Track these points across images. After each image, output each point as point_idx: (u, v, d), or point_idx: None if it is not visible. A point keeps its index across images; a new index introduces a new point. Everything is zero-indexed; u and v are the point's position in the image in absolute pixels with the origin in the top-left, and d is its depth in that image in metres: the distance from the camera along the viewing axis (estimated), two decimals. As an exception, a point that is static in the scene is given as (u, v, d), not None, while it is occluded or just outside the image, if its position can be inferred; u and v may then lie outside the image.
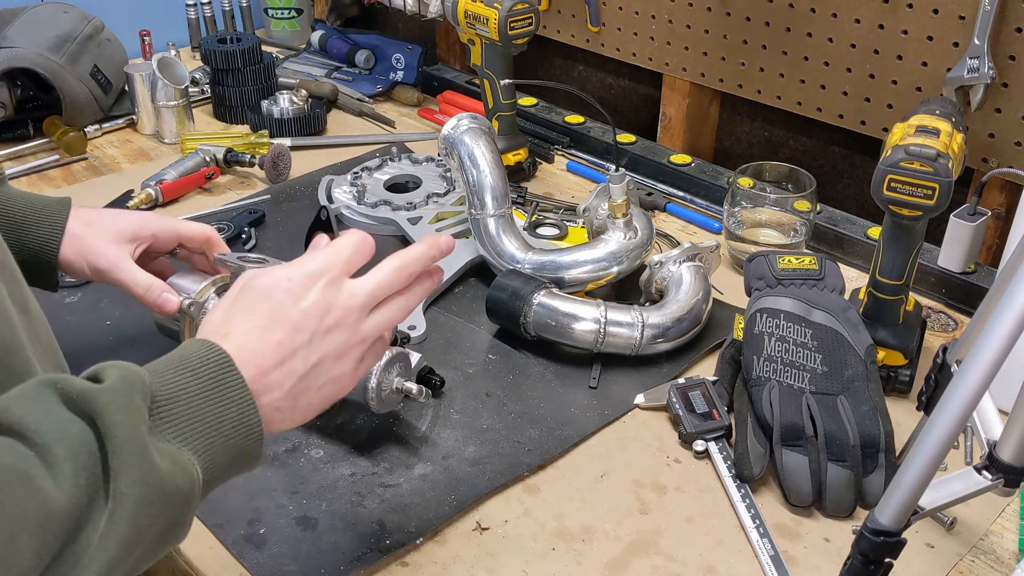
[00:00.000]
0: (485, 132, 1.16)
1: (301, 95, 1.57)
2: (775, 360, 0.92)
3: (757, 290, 1.00)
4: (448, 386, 0.99)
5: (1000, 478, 0.70)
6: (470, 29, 1.34)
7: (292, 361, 0.64)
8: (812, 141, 1.40)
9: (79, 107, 1.49)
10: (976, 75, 1.09)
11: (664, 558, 0.81)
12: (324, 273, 0.67)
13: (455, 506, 0.85)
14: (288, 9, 1.94)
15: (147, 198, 1.33)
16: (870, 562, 0.65)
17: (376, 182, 1.35)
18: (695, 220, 1.32)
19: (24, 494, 0.48)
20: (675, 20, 1.41)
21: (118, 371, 0.56)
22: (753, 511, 0.84)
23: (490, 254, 1.13)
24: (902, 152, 0.88)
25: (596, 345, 1.01)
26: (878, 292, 0.98)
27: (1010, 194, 1.13)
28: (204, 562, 0.80)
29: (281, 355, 0.64)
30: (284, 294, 0.65)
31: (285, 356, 0.64)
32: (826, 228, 1.24)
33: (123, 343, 1.05)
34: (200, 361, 0.60)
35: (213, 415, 0.58)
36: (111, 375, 0.55)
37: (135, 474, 0.52)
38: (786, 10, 1.27)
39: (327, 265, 0.68)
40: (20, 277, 0.65)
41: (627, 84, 1.61)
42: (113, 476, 0.51)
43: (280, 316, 0.65)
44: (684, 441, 0.93)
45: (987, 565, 0.81)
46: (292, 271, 0.67)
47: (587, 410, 0.97)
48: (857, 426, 0.86)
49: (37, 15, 1.50)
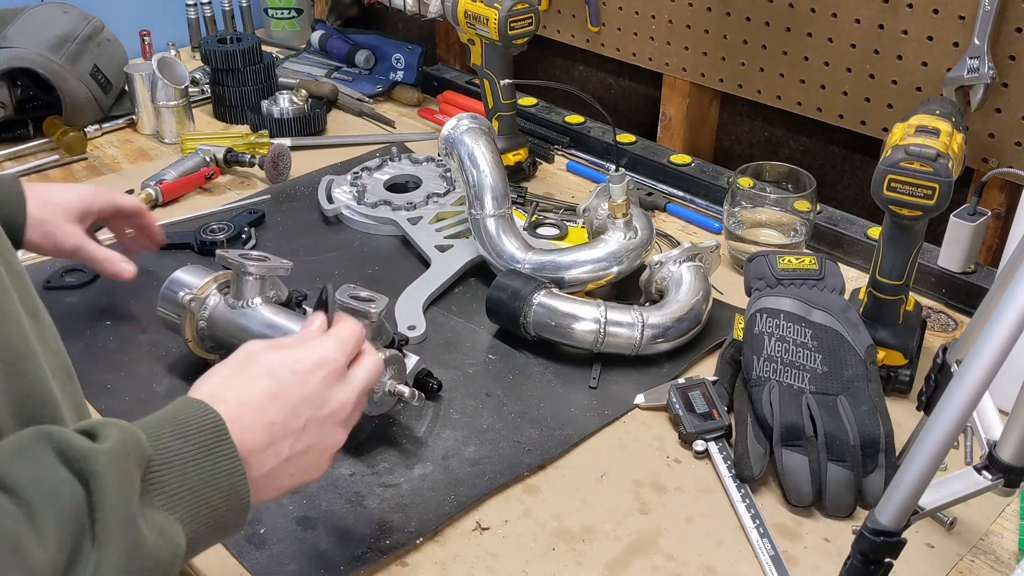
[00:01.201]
0: (485, 132, 1.16)
1: (301, 95, 1.57)
2: (775, 360, 0.92)
3: (757, 290, 1.00)
4: (448, 386, 0.99)
5: (1000, 478, 0.70)
6: (470, 29, 1.34)
7: (280, 444, 0.63)
8: (812, 141, 1.40)
9: (79, 107, 1.49)
10: (976, 75, 1.09)
11: (664, 558, 0.81)
12: (330, 364, 0.67)
13: (455, 506, 0.85)
14: (288, 9, 1.94)
15: (147, 198, 1.33)
16: (870, 562, 0.65)
17: (376, 182, 1.35)
18: (695, 220, 1.32)
19: (10, 560, 0.46)
20: (675, 20, 1.41)
21: (117, 432, 0.54)
22: (753, 511, 0.84)
23: (490, 254, 1.13)
24: (902, 152, 0.88)
25: (596, 345, 1.01)
26: (878, 292, 0.98)
27: (1010, 194, 1.13)
28: (204, 562, 0.80)
29: (272, 436, 0.63)
30: (290, 376, 0.65)
31: (275, 438, 0.63)
32: (826, 228, 1.24)
33: (123, 343, 1.05)
34: (196, 425, 0.58)
35: (202, 483, 0.57)
36: (110, 435, 0.53)
37: (122, 548, 0.50)
38: (786, 10, 1.27)
39: (334, 356, 0.68)
40: (30, 284, 0.64)
41: (627, 84, 1.61)
42: (99, 546, 0.50)
43: (280, 398, 0.64)
44: (684, 441, 0.93)
45: (987, 565, 0.81)
46: (301, 353, 0.67)
47: (587, 410, 0.97)
48: (857, 426, 0.86)
49: (37, 15, 1.50)
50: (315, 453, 0.66)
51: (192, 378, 0.99)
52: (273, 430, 0.63)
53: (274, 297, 0.96)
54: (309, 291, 0.99)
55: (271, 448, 0.63)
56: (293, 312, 0.94)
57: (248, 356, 0.66)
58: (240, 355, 0.67)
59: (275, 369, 0.65)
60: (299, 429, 0.65)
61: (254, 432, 0.62)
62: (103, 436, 0.53)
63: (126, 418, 0.57)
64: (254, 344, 0.68)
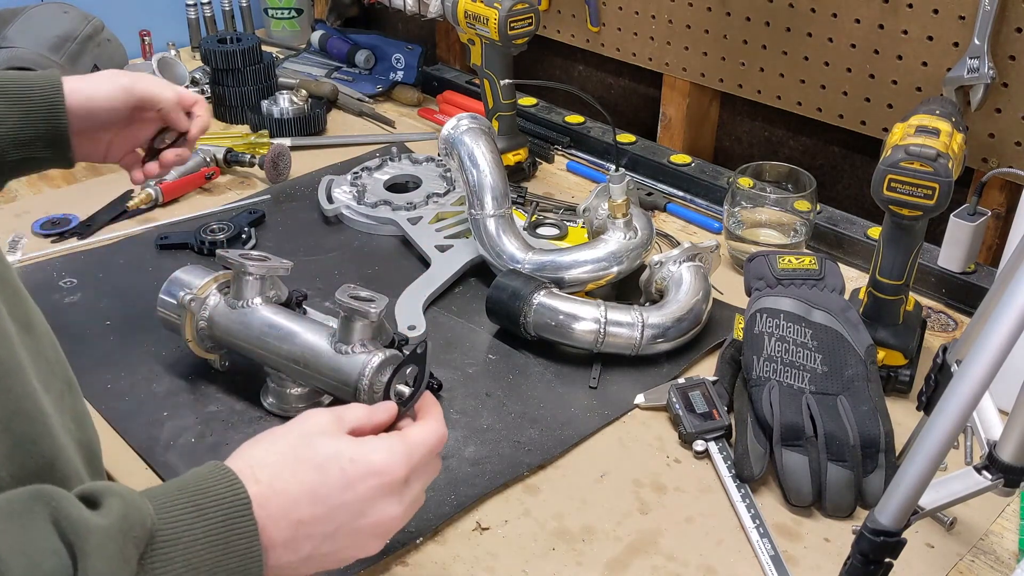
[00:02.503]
0: (485, 132, 1.16)
1: (301, 95, 1.57)
2: (775, 360, 0.92)
3: (757, 290, 1.00)
4: (448, 386, 0.99)
5: (1000, 478, 0.70)
6: (470, 29, 1.34)
7: (303, 543, 0.58)
8: (812, 141, 1.40)
9: (79, 107, 1.49)
10: (976, 75, 1.09)
11: (664, 558, 0.81)
12: (386, 476, 0.60)
13: (455, 506, 0.85)
14: (288, 9, 1.94)
15: (147, 198, 1.33)
16: (870, 562, 0.65)
17: (376, 182, 1.35)
18: (695, 220, 1.32)
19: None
20: (675, 20, 1.41)
21: (120, 505, 0.50)
22: (753, 511, 0.84)
23: (490, 254, 1.13)
24: (902, 152, 0.88)
25: (596, 345, 1.01)
26: (878, 292, 0.98)
27: (1010, 194, 1.13)
28: (204, 562, 0.80)
29: (296, 534, 0.57)
30: (338, 475, 0.59)
31: (300, 537, 0.57)
32: (826, 228, 1.24)
33: (123, 343, 1.05)
34: (216, 499, 0.54)
35: (211, 563, 0.52)
36: (112, 507, 0.50)
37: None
38: (786, 10, 1.27)
39: (394, 469, 0.61)
40: (24, 293, 0.62)
41: (627, 84, 1.61)
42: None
43: (319, 497, 0.58)
44: (684, 441, 0.93)
45: (987, 565, 0.81)
46: (358, 452, 0.60)
47: (587, 410, 0.97)
48: (857, 426, 0.86)
49: (37, 15, 1.50)
50: (339, 555, 0.61)
51: (192, 378, 1.00)
52: (300, 529, 0.57)
53: (274, 297, 0.96)
54: (309, 291, 0.99)
55: (291, 544, 0.57)
56: (293, 312, 0.94)
57: (303, 438, 0.60)
58: (296, 432, 0.61)
59: (325, 463, 0.59)
60: (328, 533, 0.59)
61: (279, 524, 0.57)
62: (105, 506, 0.50)
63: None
64: (316, 419, 0.62)
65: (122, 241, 1.25)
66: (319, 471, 0.59)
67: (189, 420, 0.94)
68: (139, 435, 0.92)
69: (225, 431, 0.93)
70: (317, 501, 0.58)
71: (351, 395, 0.87)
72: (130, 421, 0.94)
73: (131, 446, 0.91)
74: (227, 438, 0.92)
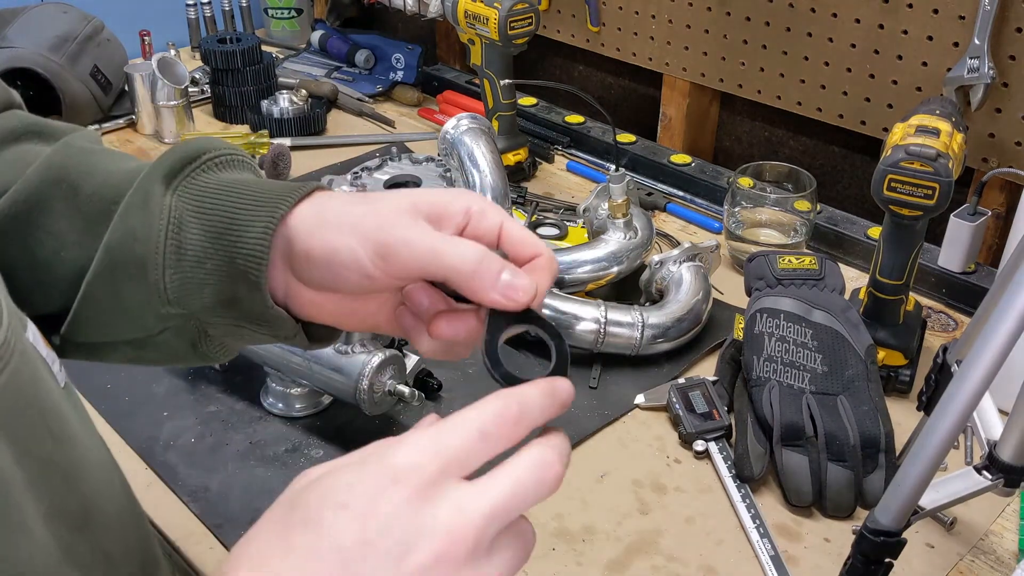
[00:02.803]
0: (485, 132, 1.16)
1: (301, 95, 1.57)
2: (775, 360, 0.92)
3: (757, 290, 1.00)
4: (448, 386, 0.99)
5: (1000, 478, 0.70)
6: (470, 29, 1.34)
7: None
8: (812, 141, 1.40)
9: (79, 107, 1.49)
10: (976, 75, 1.09)
11: (664, 558, 0.81)
12: (408, 477, 0.39)
13: (455, 506, 0.84)
14: (288, 9, 1.94)
15: (147, 198, 1.33)
16: (870, 562, 0.65)
17: (376, 182, 1.35)
18: (695, 220, 1.32)
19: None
20: (675, 20, 1.41)
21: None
22: (753, 511, 0.84)
23: (490, 254, 1.13)
24: (902, 152, 0.88)
25: (596, 345, 1.01)
26: (878, 292, 0.98)
27: (1010, 194, 1.13)
28: (204, 562, 0.80)
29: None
30: (335, 517, 0.39)
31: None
32: (826, 228, 1.24)
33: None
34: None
35: None
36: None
37: None
38: (786, 10, 1.27)
39: (417, 462, 0.40)
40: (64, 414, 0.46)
41: (627, 84, 1.61)
42: None
43: (321, 556, 0.38)
44: (684, 441, 0.93)
45: (987, 565, 0.81)
46: (360, 473, 0.40)
47: (587, 410, 0.97)
48: (857, 426, 0.86)
49: (37, 15, 1.50)
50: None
51: (192, 378, 1.00)
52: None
53: (274, 297, 0.95)
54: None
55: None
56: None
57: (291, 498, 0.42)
58: (287, 495, 0.43)
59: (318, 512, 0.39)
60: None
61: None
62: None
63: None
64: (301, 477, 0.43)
65: (122, 241, 1.25)
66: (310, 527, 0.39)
67: (189, 420, 0.94)
68: (139, 435, 0.92)
69: (225, 431, 0.93)
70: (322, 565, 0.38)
71: (351, 395, 0.87)
72: (130, 421, 0.94)
73: (131, 446, 0.91)
74: (227, 438, 0.92)
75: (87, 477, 0.47)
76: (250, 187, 0.52)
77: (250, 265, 0.50)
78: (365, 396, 0.86)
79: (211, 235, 0.51)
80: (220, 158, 0.54)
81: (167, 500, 0.86)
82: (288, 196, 0.51)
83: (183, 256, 0.50)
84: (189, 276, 0.51)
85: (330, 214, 0.50)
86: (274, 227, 0.49)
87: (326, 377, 0.89)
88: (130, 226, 0.51)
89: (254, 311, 0.51)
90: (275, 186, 0.52)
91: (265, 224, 0.49)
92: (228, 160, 0.54)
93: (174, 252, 0.50)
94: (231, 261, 0.50)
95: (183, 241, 0.50)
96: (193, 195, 0.51)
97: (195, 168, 0.52)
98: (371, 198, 0.51)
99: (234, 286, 0.51)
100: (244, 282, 0.50)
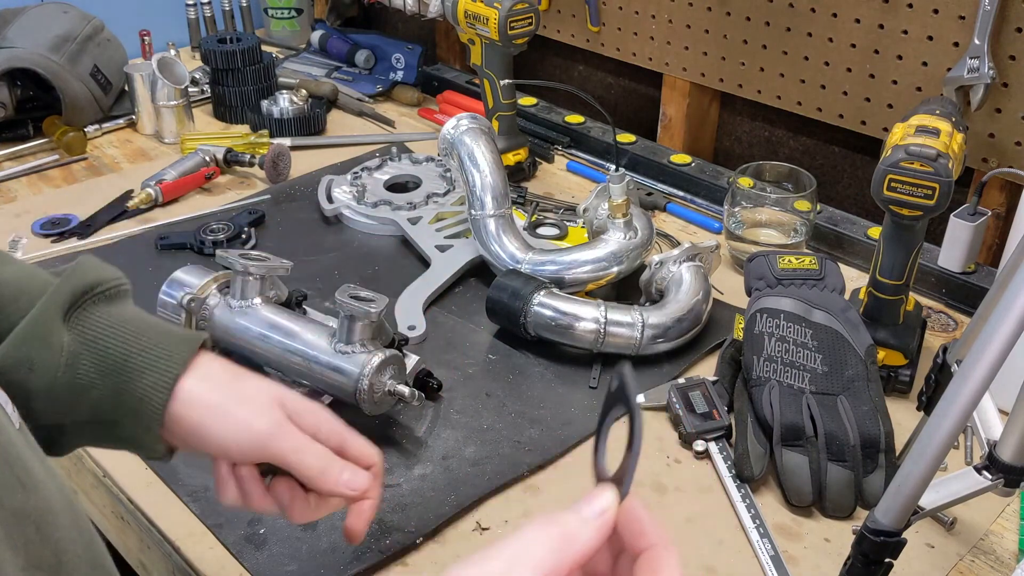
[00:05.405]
0: (485, 132, 1.16)
1: (301, 95, 1.57)
2: (775, 360, 0.92)
3: (757, 290, 1.00)
4: (448, 386, 0.99)
5: (1000, 478, 0.70)
6: (470, 29, 1.34)
7: None
8: (812, 141, 1.40)
9: (79, 107, 1.49)
10: (976, 75, 1.09)
11: (664, 558, 0.81)
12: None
13: (455, 506, 0.85)
14: (288, 9, 1.94)
15: (147, 198, 1.33)
16: (870, 562, 0.65)
17: (376, 182, 1.35)
18: (695, 220, 1.32)
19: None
20: (675, 20, 1.41)
21: None
22: (753, 511, 0.84)
23: (490, 254, 1.13)
24: (902, 152, 0.88)
25: (596, 345, 1.01)
26: (878, 292, 0.98)
27: (1010, 194, 1.13)
28: (204, 562, 0.80)
29: None
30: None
31: None
32: (826, 228, 1.24)
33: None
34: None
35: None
36: None
37: None
38: (786, 10, 1.27)
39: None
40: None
41: (627, 84, 1.61)
42: None
43: None
44: (684, 441, 0.93)
45: (987, 565, 0.81)
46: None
47: (587, 410, 0.97)
48: (857, 426, 0.86)
49: (37, 15, 1.50)
50: None
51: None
52: None
53: (274, 297, 0.96)
54: (309, 291, 0.99)
55: None
56: (293, 312, 0.94)
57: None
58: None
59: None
60: None
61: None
62: None
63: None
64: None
65: (122, 241, 1.26)
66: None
67: (189, 420, 0.94)
68: (139, 435, 0.92)
69: (225, 431, 0.93)
70: None
71: (351, 395, 0.87)
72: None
73: (131, 446, 0.91)
74: (227, 438, 0.92)
75: (56, 523, 0.48)
76: (140, 329, 0.61)
77: (144, 408, 0.59)
78: (365, 396, 0.86)
79: (102, 371, 0.58)
80: (109, 291, 0.62)
81: (167, 500, 0.86)
82: (178, 352, 0.60)
83: (73, 384, 0.58)
84: (74, 399, 0.58)
85: (213, 395, 0.61)
86: (172, 386, 0.59)
87: (326, 377, 0.89)
88: (26, 355, 0.56)
89: (132, 438, 0.61)
90: (164, 334, 0.61)
91: (160, 378, 0.59)
92: (115, 292, 0.63)
93: (65, 384, 0.58)
94: (118, 395, 0.58)
95: (76, 375, 0.58)
96: (87, 332, 0.59)
97: (88, 300, 0.60)
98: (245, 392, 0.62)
99: (115, 414, 0.59)
100: (131, 417, 0.59)
